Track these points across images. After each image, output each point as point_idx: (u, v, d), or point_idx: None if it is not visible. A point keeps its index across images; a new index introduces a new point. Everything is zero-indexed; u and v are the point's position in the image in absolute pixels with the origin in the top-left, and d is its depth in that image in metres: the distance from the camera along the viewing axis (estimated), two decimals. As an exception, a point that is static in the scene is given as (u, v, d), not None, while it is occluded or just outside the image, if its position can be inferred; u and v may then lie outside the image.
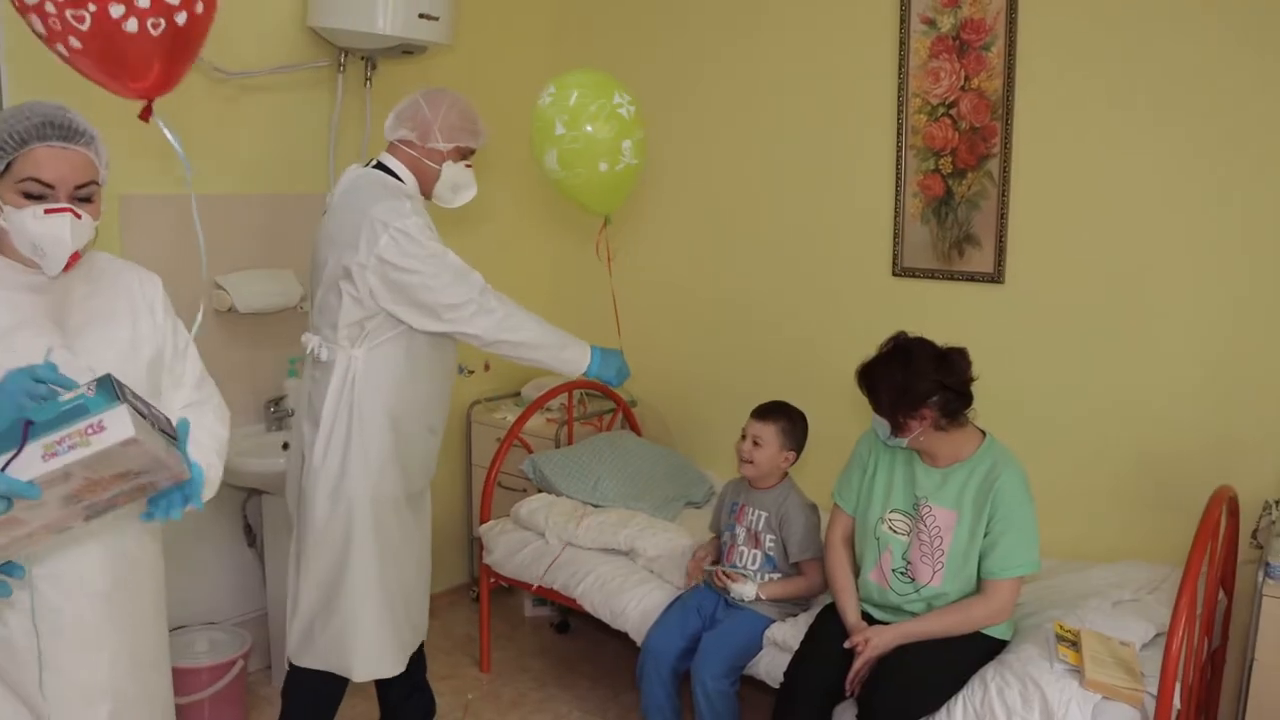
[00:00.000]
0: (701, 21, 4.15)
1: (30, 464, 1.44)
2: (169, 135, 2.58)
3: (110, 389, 1.49)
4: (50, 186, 1.81)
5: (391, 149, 2.90)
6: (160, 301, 2.08)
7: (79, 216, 1.83)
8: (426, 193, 2.92)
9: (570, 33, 4.62)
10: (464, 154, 2.91)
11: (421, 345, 2.85)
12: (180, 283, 3.43)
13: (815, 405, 3.27)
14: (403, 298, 2.72)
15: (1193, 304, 3.15)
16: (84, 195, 1.86)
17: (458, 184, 2.93)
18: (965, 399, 2.73)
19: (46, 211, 1.80)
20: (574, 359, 2.96)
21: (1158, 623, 2.77)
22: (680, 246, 4.27)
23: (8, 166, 1.79)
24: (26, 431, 1.45)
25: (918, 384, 2.67)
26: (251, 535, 3.77)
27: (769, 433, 3.16)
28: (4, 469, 1.43)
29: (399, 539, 2.91)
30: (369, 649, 2.86)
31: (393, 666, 2.92)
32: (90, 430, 1.45)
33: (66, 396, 1.50)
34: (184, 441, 1.61)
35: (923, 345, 2.75)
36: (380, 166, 2.88)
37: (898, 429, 2.72)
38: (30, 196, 1.80)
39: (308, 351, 2.86)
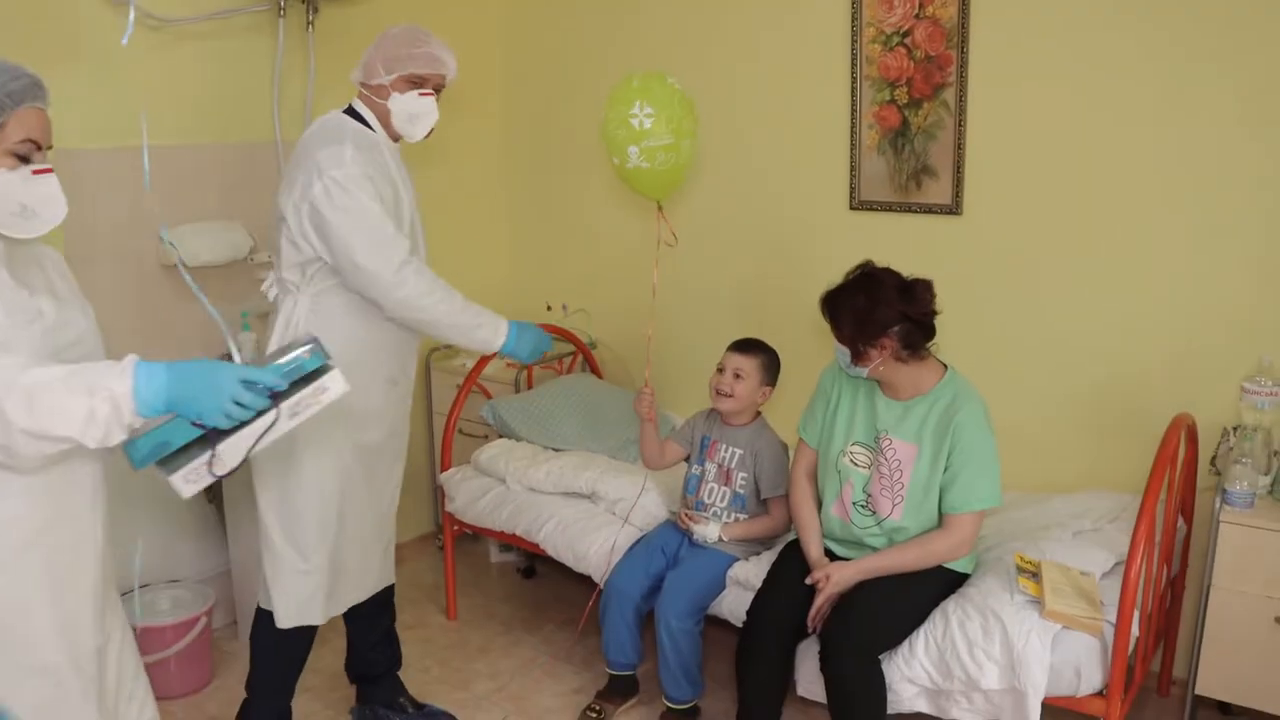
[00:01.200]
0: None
1: (279, 427, 1.83)
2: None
3: (321, 350, 1.88)
4: (39, 148, 1.80)
5: (361, 95, 2.82)
6: (68, 272, 2.01)
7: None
8: (393, 134, 2.82)
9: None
10: (412, 82, 2.76)
11: None
12: (129, 239, 3.39)
13: (775, 342, 3.24)
14: (325, 247, 2.67)
15: (1151, 233, 3.13)
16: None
17: (413, 114, 2.78)
18: (927, 331, 2.72)
19: (34, 173, 1.78)
20: (486, 339, 2.86)
21: (1118, 552, 2.79)
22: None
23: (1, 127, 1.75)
24: (279, 401, 1.81)
25: (879, 312, 2.65)
26: (211, 491, 3.72)
27: (751, 365, 3.13)
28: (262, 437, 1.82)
29: (346, 489, 2.85)
30: (295, 595, 2.82)
31: (319, 615, 2.88)
32: (319, 392, 1.88)
33: (284, 360, 1.83)
34: None
35: (888, 274, 2.73)
36: (351, 111, 2.82)
37: (857, 357, 2.71)
38: (17, 158, 1.76)
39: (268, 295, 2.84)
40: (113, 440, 1.66)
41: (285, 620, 2.83)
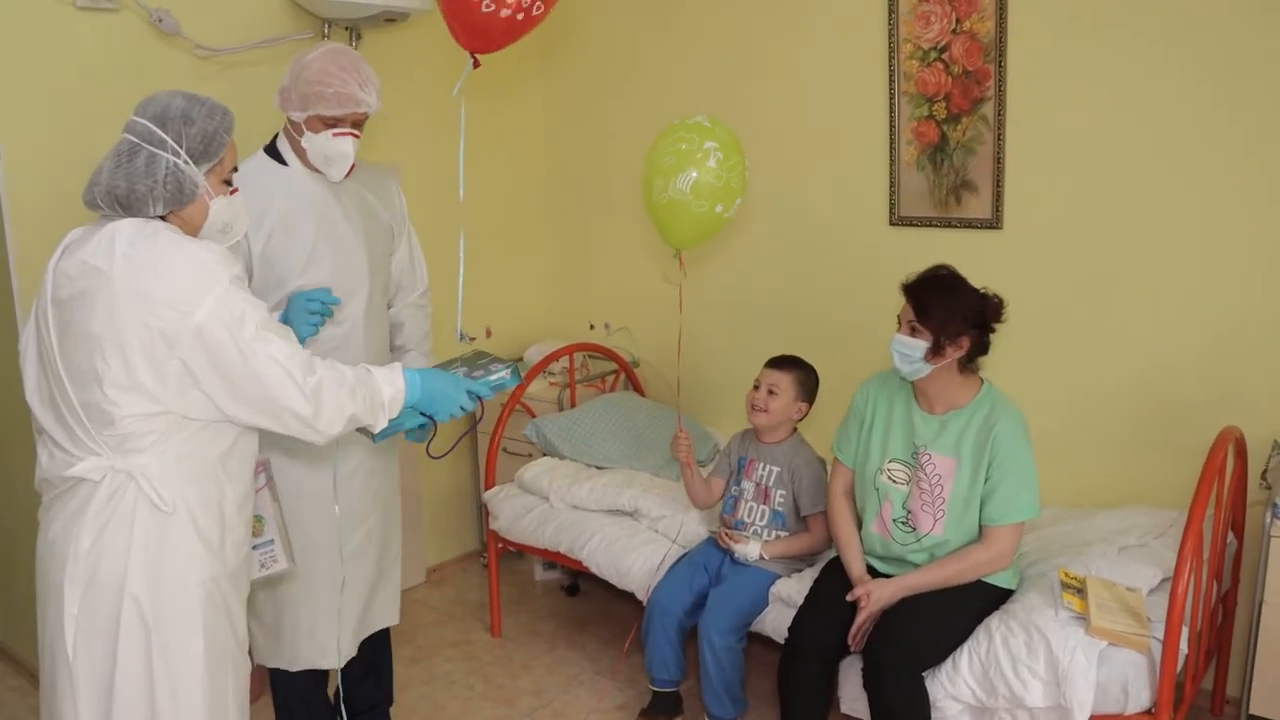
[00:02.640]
0: (690, -26, 4.09)
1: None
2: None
3: (518, 372, 2.45)
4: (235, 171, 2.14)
5: (284, 124, 2.66)
6: None
7: None
8: (313, 167, 2.64)
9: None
10: (327, 122, 2.55)
11: None
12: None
13: (815, 358, 3.24)
14: None
15: (1196, 244, 3.10)
16: None
17: (327, 155, 2.59)
18: (986, 346, 2.74)
19: (231, 193, 2.11)
20: None
21: (1164, 567, 2.75)
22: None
23: (220, 159, 2.06)
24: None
25: (964, 310, 2.68)
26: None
27: (786, 381, 3.14)
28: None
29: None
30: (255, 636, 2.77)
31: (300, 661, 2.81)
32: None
33: (493, 377, 2.37)
34: None
35: (966, 281, 2.75)
36: (273, 144, 2.69)
37: (937, 351, 2.68)
38: (225, 183, 2.10)
39: None
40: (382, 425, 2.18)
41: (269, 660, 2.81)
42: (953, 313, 2.66)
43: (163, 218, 2.02)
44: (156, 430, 1.95)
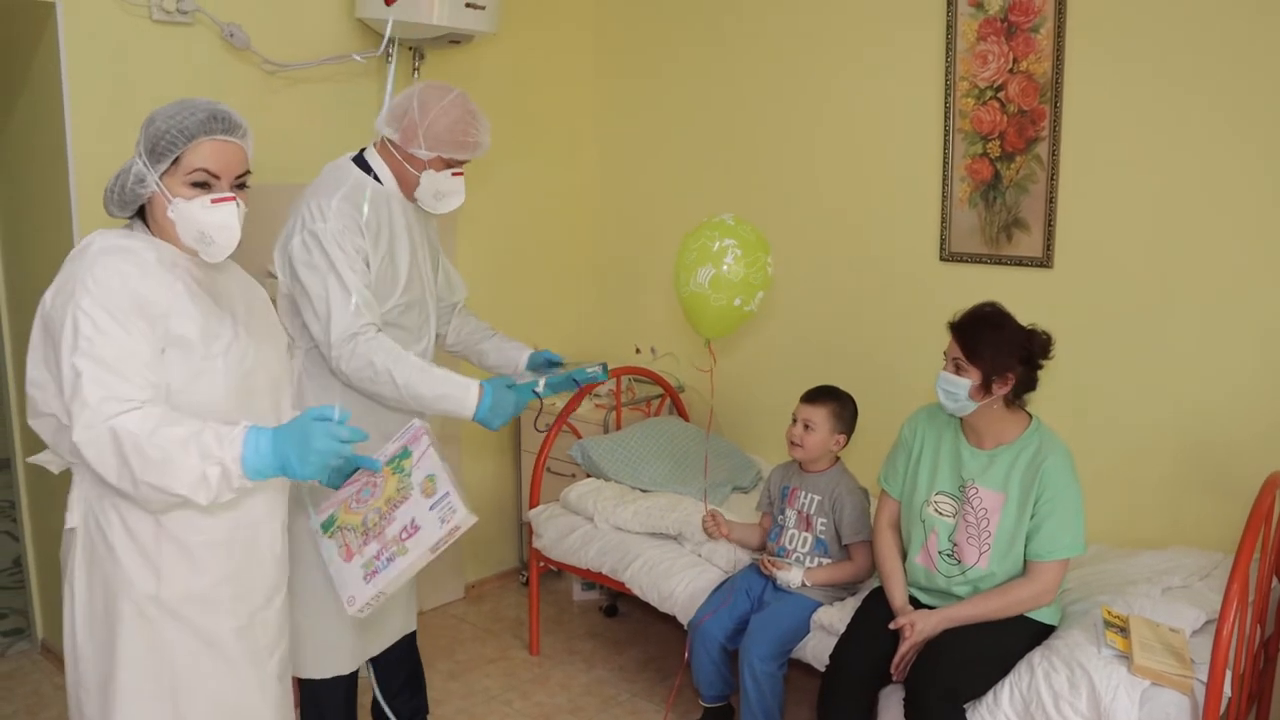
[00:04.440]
0: (746, 6, 4.15)
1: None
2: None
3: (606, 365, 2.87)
4: (217, 177, 1.94)
5: (380, 144, 2.74)
6: (269, 309, 2.23)
7: (239, 204, 1.97)
8: (409, 195, 2.75)
9: (614, 21, 4.63)
10: (449, 164, 2.69)
11: None
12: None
13: (862, 391, 3.27)
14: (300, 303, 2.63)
15: (1246, 288, 3.10)
16: (240, 184, 1.99)
17: (441, 192, 2.72)
18: (1033, 382, 2.76)
19: (213, 201, 1.92)
20: (451, 410, 2.59)
21: (1208, 609, 2.75)
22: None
23: (176, 160, 1.91)
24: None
25: (1010, 347, 2.70)
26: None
27: (820, 416, 3.17)
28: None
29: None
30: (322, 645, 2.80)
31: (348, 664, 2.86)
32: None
33: (590, 370, 2.84)
34: None
35: (1013, 318, 2.78)
36: (361, 158, 2.75)
37: (985, 389, 2.71)
38: (197, 186, 1.92)
39: None
40: (223, 499, 1.82)
41: (317, 670, 2.83)
42: (998, 350, 2.69)
43: (146, 225, 1.98)
44: (66, 441, 1.86)
